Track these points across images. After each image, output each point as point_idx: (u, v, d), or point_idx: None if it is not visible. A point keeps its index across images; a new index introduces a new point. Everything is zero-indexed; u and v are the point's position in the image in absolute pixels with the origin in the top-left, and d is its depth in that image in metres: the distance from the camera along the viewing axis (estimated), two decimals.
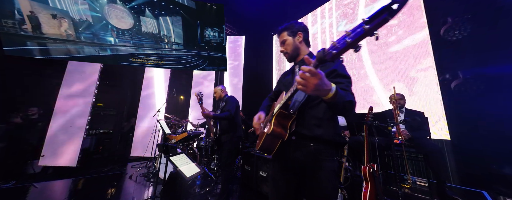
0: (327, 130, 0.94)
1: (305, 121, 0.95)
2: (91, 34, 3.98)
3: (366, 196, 1.77)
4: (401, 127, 2.55)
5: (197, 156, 3.58)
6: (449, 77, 2.82)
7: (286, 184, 1.00)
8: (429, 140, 2.49)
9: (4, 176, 3.13)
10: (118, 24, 4.28)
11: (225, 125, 2.39)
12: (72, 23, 3.80)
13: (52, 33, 3.62)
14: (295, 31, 1.10)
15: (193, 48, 5.14)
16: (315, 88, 0.65)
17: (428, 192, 2.29)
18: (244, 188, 2.85)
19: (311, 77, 0.63)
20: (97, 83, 4.25)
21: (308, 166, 0.93)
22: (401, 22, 3.47)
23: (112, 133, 5.38)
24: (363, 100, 3.76)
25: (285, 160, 1.00)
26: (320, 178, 0.90)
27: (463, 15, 2.77)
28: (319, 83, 0.64)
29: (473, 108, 2.57)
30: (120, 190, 2.89)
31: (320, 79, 0.64)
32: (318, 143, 0.93)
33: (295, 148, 0.96)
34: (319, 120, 0.94)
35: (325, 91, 0.69)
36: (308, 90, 0.66)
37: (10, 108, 3.71)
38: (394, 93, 2.58)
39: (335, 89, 0.71)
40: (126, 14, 4.39)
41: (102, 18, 4.12)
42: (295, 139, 0.95)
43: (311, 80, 0.64)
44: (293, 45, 1.10)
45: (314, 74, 0.63)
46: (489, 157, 2.40)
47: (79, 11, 3.90)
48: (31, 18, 3.46)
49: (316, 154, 0.92)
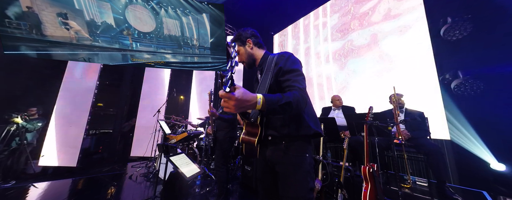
0: (294, 126, 0.97)
1: (270, 124, 1.00)
2: (109, 38, 3.47)
3: (366, 196, 1.77)
4: (401, 127, 2.55)
5: (197, 156, 3.58)
6: (449, 77, 2.81)
7: (269, 183, 1.05)
8: (429, 140, 2.49)
9: (4, 176, 3.13)
10: (139, 26, 3.81)
11: (221, 123, 2.44)
12: (86, 24, 3.26)
13: (58, 35, 3.07)
14: (243, 40, 1.13)
15: (217, 49, 4.69)
16: (237, 108, 0.69)
17: (428, 192, 2.29)
18: (244, 188, 2.85)
19: (228, 100, 0.67)
20: (97, 83, 4.25)
21: (280, 163, 0.97)
22: (401, 22, 3.47)
23: (112, 133, 5.38)
24: (363, 100, 3.76)
25: (265, 161, 1.06)
26: (288, 175, 0.93)
27: (463, 15, 2.77)
28: (237, 103, 0.67)
29: (473, 108, 2.57)
30: (120, 190, 2.89)
31: (236, 100, 0.67)
32: (289, 141, 0.97)
33: (271, 148, 1.02)
34: (282, 120, 0.98)
35: (251, 105, 0.72)
36: (233, 111, 0.69)
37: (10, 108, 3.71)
38: (394, 93, 2.58)
39: (262, 100, 0.74)
40: (147, 15, 3.93)
41: (124, 20, 3.64)
42: (271, 139, 1.01)
43: (230, 103, 0.67)
44: (247, 53, 1.13)
45: (228, 97, 0.66)
46: (489, 157, 2.40)
47: (99, 12, 3.38)
48: (28, 15, 2.88)
49: (285, 151, 0.96)
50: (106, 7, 3.50)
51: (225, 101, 0.68)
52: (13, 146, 3.40)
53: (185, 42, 4.30)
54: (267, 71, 1.02)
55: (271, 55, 1.10)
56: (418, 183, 2.60)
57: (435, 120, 2.78)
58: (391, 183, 2.51)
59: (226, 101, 0.68)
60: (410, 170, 2.53)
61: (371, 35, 3.89)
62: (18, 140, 3.43)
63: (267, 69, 1.03)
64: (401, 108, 2.76)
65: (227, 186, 2.34)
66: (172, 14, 4.18)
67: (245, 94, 0.69)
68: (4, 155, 3.29)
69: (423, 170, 2.72)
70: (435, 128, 2.74)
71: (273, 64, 1.02)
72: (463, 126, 2.61)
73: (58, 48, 3.20)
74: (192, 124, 4.36)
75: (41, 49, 3.15)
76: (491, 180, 2.35)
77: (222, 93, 0.65)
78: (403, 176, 2.61)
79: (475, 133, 2.52)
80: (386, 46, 3.63)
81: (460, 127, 2.63)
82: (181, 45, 4.27)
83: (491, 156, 2.41)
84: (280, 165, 0.97)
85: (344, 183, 2.03)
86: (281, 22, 6.33)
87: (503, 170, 2.30)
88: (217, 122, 2.47)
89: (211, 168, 3.56)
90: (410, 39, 3.30)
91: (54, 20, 3.06)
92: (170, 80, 5.59)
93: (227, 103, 0.68)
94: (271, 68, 1.01)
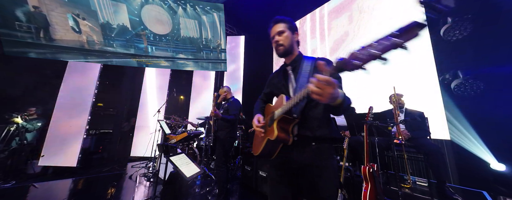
0: (327, 129, 0.96)
1: (306, 123, 0.96)
2: (124, 41, 3.16)
3: (366, 196, 1.77)
4: (401, 127, 2.55)
5: (197, 156, 3.58)
6: (449, 77, 2.81)
7: (286, 185, 1.01)
8: (429, 140, 2.49)
9: (4, 176, 3.13)
10: (155, 27, 3.50)
11: (222, 123, 2.44)
12: (100, 26, 2.94)
13: (69, 39, 2.76)
14: (294, 28, 1.09)
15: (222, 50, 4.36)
16: (330, 97, 0.65)
17: (428, 192, 2.28)
18: (244, 188, 2.85)
19: (327, 86, 0.62)
20: (97, 83, 4.25)
21: (310, 165, 0.93)
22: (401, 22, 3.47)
23: (112, 133, 5.38)
24: (363, 100, 3.75)
25: (285, 161, 1.00)
26: (323, 177, 0.91)
27: (463, 15, 2.77)
28: (334, 92, 0.64)
29: (473, 108, 2.57)
30: (120, 190, 2.89)
31: (335, 88, 0.64)
32: (319, 142, 0.95)
33: (297, 149, 0.96)
34: (319, 121, 0.96)
35: (337, 98, 0.70)
36: (323, 99, 0.65)
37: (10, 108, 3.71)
38: (394, 93, 2.58)
39: (343, 96, 0.72)
40: (164, 15, 3.60)
41: (140, 22, 3.31)
42: (297, 140, 0.95)
43: (327, 90, 0.63)
44: (291, 40, 1.07)
45: (330, 83, 0.62)
46: (489, 157, 2.40)
47: (114, 12, 3.02)
48: (35, 16, 2.58)
49: (318, 153, 0.93)
50: (121, 8, 3.28)
51: (323, 87, 0.63)
52: (13, 146, 3.41)
53: (204, 44, 3.96)
54: (303, 72, 1.00)
55: (305, 57, 1.08)
56: (418, 183, 2.60)
57: (435, 120, 2.78)
58: (391, 183, 2.51)
59: (325, 88, 0.63)
60: (410, 170, 2.53)
61: (371, 35, 3.89)
62: (18, 140, 3.43)
63: (303, 70, 1.01)
64: (401, 108, 2.76)
65: (227, 186, 2.34)
66: (191, 12, 3.91)
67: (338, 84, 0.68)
68: (4, 155, 3.29)
69: (423, 170, 2.72)
70: (435, 128, 2.74)
71: (311, 67, 1.00)
72: (463, 126, 2.61)
73: (69, 54, 2.89)
74: (192, 124, 4.36)
75: (49, 55, 2.94)
76: (491, 180, 2.35)
77: (326, 77, 0.61)
78: (403, 176, 2.60)
79: (475, 133, 2.52)
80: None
81: (460, 127, 2.63)
82: (200, 48, 3.93)
83: (491, 156, 2.41)
84: (310, 167, 0.93)
85: (344, 183, 2.03)
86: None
87: (503, 170, 2.30)
88: (218, 122, 2.48)
89: (211, 168, 3.57)
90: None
91: (65, 22, 2.76)
92: (170, 80, 5.58)
93: (324, 90, 0.63)
94: (308, 70, 0.99)
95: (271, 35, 1.09)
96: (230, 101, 2.57)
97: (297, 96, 0.83)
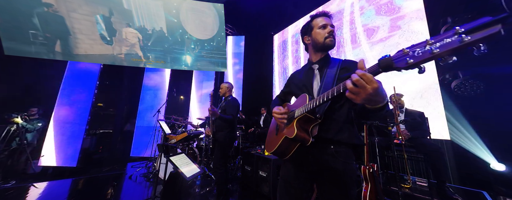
0: (348, 133, 0.92)
1: (327, 125, 0.92)
2: (162, 51, 2.25)
3: (366, 196, 1.77)
4: (401, 127, 2.55)
5: (197, 156, 3.58)
6: (449, 77, 2.82)
7: (300, 188, 0.97)
8: (429, 140, 2.49)
9: (4, 176, 3.13)
10: (196, 32, 2.53)
11: (221, 123, 2.40)
12: (139, 32, 2.00)
13: (97, 54, 1.81)
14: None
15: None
16: (367, 98, 0.59)
17: (428, 192, 2.29)
18: (244, 188, 2.85)
19: (367, 85, 0.56)
20: (97, 83, 4.25)
21: (328, 169, 0.90)
22: (401, 22, 3.47)
23: (112, 133, 5.38)
24: None
25: (301, 163, 0.97)
26: (341, 182, 0.88)
27: (463, 15, 2.77)
28: (374, 93, 0.57)
29: (473, 107, 2.57)
30: (120, 190, 2.89)
31: (378, 88, 0.57)
32: (339, 146, 0.91)
33: (314, 151, 0.93)
34: (341, 124, 0.92)
35: (378, 102, 0.61)
36: (359, 99, 0.60)
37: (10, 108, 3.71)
38: (394, 93, 2.58)
39: (387, 100, 0.65)
40: (207, 12, 2.56)
41: (178, 25, 2.41)
42: (315, 142, 0.90)
43: (367, 89, 0.57)
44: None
45: (370, 81, 0.56)
46: (489, 157, 2.40)
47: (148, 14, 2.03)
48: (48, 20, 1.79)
49: (337, 157, 0.90)
50: (157, 7, 2.37)
51: (362, 85, 0.57)
52: (13, 146, 3.41)
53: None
54: (330, 72, 0.97)
55: (332, 58, 1.06)
56: (418, 183, 2.60)
57: (435, 120, 2.78)
58: (391, 183, 2.51)
59: (364, 86, 0.57)
60: (410, 170, 2.53)
61: (371, 35, 3.89)
62: (18, 140, 3.43)
63: (330, 70, 0.98)
64: (401, 108, 2.76)
65: (226, 186, 2.33)
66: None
67: (381, 84, 0.59)
68: (4, 155, 3.29)
69: (423, 170, 2.72)
70: (435, 128, 2.74)
71: (338, 68, 0.97)
72: (463, 126, 2.61)
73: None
74: (192, 124, 4.36)
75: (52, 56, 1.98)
76: (491, 180, 2.35)
77: (366, 73, 0.56)
78: (403, 176, 2.61)
79: (475, 133, 2.52)
80: (386, 47, 3.62)
81: (460, 127, 2.63)
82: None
83: (491, 156, 2.41)
84: (328, 171, 0.90)
85: None
86: (281, 22, 6.33)
87: (503, 170, 2.30)
88: (217, 123, 2.43)
89: (211, 168, 3.56)
90: (410, 39, 3.30)
91: (91, 28, 1.78)
92: (170, 80, 5.59)
93: (363, 88, 0.57)
94: (334, 71, 0.97)
95: (324, 23, 1.00)
96: (228, 100, 2.50)
97: (324, 95, 0.77)
